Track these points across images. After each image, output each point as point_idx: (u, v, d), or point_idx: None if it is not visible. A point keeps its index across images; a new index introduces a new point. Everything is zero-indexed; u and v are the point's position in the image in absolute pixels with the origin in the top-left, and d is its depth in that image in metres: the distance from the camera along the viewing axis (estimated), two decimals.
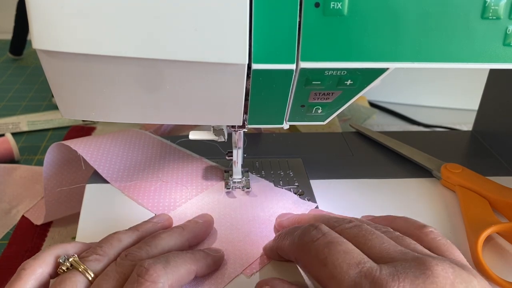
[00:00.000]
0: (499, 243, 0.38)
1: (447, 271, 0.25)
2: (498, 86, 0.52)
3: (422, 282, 0.24)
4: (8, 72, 0.87)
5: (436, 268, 0.25)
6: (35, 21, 0.26)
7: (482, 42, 0.29)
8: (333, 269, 0.26)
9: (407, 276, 0.25)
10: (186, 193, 0.43)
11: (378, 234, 0.29)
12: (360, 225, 0.30)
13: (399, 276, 0.25)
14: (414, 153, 0.50)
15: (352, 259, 0.26)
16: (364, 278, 0.25)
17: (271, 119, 0.34)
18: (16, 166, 0.56)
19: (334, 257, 0.27)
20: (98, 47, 0.27)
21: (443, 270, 0.25)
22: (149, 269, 0.28)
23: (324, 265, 0.27)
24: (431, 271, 0.25)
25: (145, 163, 0.47)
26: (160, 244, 0.32)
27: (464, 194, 0.43)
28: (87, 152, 0.44)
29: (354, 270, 0.26)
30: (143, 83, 0.30)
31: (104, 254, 0.31)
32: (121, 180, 0.44)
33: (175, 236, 0.34)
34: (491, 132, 0.54)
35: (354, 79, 0.31)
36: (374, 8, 0.27)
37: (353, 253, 0.27)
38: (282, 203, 0.42)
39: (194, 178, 0.45)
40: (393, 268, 0.25)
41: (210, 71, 0.29)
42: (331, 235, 0.29)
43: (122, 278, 0.29)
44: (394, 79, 0.74)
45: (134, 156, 0.47)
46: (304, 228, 0.30)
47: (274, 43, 0.28)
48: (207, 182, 0.44)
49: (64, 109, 0.32)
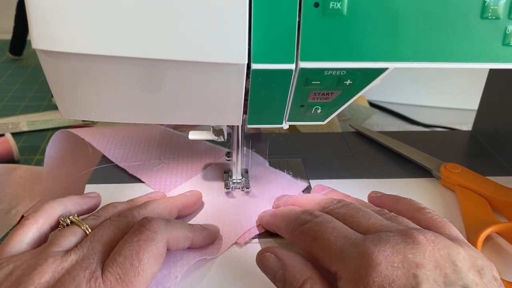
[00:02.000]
0: (499, 242, 0.38)
1: (428, 239, 0.27)
2: (498, 86, 0.52)
3: (402, 247, 0.26)
4: (8, 72, 0.87)
5: (418, 236, 0.27)
6: (34, 21, 0.26)
7: (482, 42, 0.29)
8: (322, 242, 0.29)
9: (388, 242, 0.26)
10: (186, 173, 0.45)
11: (365, 211, 0.31)
12: (348, 204, 0.32)
13: (381, 242, 0.26)
14: (413, 153, 0.50)
15: (339, 233, 0.29)
16: (349, 246, 0.27)
17: (271, 119, 0.34)
18: (16, 166, 0.56)
19: (323, 232, 0.29)
20: (98, 47, 0.27)
21: (424, 238, 0.27)
22: (151, 221, 0.30)
23: (314, 240, 0.29)
24: (412, 238, 0.27)
25: (149, 147, 0.49)
26: (150, 207, 0.35)
27: (463, 194, 0.43)
28: (93, 139, 0.47)
29: (341, 241, 0.28)
30: (142, 83, 0.30)
31: (100, 215, 0.34)
32: (125, 161, 0.46)
33: (165, 203, 0.37)
34: (490, 132, 0.54)
35: (353, 79, 0.31)
36: (374, 8, 0.27)
37: (340, 228, 0.29)
38: (276, 182, 0.44)
39: (194, 159, 0.48)
40: (377, 236, 0.27)
41: (210, 71, 0.29)
42: (322, 216, 0.31)
43: (118, 230, 0.31)
44: (394, 79, 0.74)
45: (138, 141, 0.50)
46: (298, 212, 0.33)
47: (273, 43, 0.28)
48: (207, 161, 0.47)
49: (64, 109, 0.32)
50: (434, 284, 0.25)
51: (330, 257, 0.28)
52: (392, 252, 0.26)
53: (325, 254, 0.28)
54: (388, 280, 0.25)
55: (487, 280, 0.26)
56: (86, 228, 0.31)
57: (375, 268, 0.25)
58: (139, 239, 0.29)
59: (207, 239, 0.36)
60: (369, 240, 0.27)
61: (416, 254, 0.26)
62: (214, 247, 0.36)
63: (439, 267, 0.26)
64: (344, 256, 0.27)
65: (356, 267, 0.26)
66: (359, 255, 0.26)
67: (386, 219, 0.31)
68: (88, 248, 0.29)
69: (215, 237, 0.37)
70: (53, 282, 0.26)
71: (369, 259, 0.26)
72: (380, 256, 0.26)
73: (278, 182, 0.44)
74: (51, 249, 0.29)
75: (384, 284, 0.25)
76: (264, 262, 0.30)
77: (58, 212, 0.33)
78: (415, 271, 0.25)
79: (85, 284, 0.26)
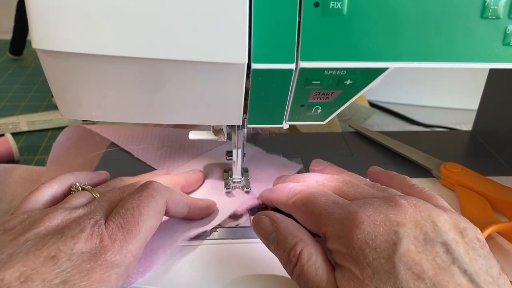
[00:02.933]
0: (499, 242, 0.38)
1: (410, 203, 0.29)
2: (498, 86, 0.52)
3: (385, 209, 0.28)
4: (8, 72, 0.87)
5: (400, 200, 0.29)
6: (34, 21, 0.26)
7: (482, 41, 0.29)
8: (313, 207, 0.32)
9: (372, 205, 0.29)
10: (188, 155, 0.48)
11: (354, 183, 0.34)
12: (339, 178, 0.35)
13: (366, 205, 0.29)
14: (413, 152, 0.50)
15: (329, 199, 0.32)
16: (337, 209, 0.30)
17: (271, 119, 0.34)
18: (16, 166, 0.56)
19: (314, 198, 0.32)
20: (98, 47, 0.27)
21: (406, 202, 0.29)
22: (153, 182, 0.33)
23: (306, 205, 0.32)
24: (395, 202, 0.29)
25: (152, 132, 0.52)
26: (157, 180, 0.37)
27: (463, 193, 0.43)
28: (100, 129, 0.51)
29: (330, 205, 0.31)
30: (142, 83, 0.30)
31: (109, 185, 0.37)
32: (131, 144, 0.49)
33: (169, 179, 0.40)
34: (491, 132, 0.54)
35: (353, 79, 0.31)
36: (374, 8, 0.27)
37: (330, 195, 0.32)
38: (272, 163, 0.47)
39: (196, 142, 0.50)
40: (362, 201, 0.30)
41: (210, 71, 0.29)
42: (314, 187, 0.34)
43: (124, 194, 0.34)
44: (394, 79, 0.74)
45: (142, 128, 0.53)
46: (294, 185, 0.36)
47: (273, 42, 0.28)
48: (208, 146, 0.49)
49: (64, 109, 0.32)
50: (414, 240, 0.27)
51: (320, 220, 0.30)
52: (375, 212, 0.28)
53: (315, 217, 0.31)
54: (370, 236, 0.27)
55: (469, 239, 0.28)
56: (95, 193, 0.34)
57: (359, 226, 0.28)
58: (141, 195, 0.32)
59: (203, 210, 0.38)
60: (354, 204, 0.30)
61: (398, 214, 0.28)
62: (211, 218, 0.39)
63: (420, 226, 0.27)
64: (332, 218, 0.30)
65: (342, 226, 0.29)
66: (344, 216, 0.29)
67: (376, 191, 0.33)
68: (95, 205, 0.32)
69: (212, 210, 0.39)
70: (61, 226, 0.29)
71: (353, 218, 0.28)
72: (364, 216, 0.28)
73: (274, 163, 0.47)
74: (62, 205, 0.32)
75: (367, 240, 0.27)
76: (259, 225, 0.32)
77: (70, 181, 0.36)
78: (396, 228, 0.27)
79: (89, 228, 0.28)
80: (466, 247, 0.27)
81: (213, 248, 0.37)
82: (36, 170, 0.55)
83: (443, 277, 0.25)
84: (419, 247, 0.26)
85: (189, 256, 0.36)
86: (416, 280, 0.25)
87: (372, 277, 0.26)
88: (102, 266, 0.27)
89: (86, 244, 0.27)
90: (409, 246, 0.26)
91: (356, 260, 0.27)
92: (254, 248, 0.37)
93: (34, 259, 0.26)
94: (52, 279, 0.25)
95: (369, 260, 0.26)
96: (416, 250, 0.26)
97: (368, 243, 0.27)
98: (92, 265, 0.27)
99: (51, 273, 0.25)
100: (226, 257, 0.36)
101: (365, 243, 0.27)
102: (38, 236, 0.28)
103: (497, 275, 0.26)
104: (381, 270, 0.26)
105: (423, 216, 0.28)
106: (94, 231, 0.28)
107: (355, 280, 0.26)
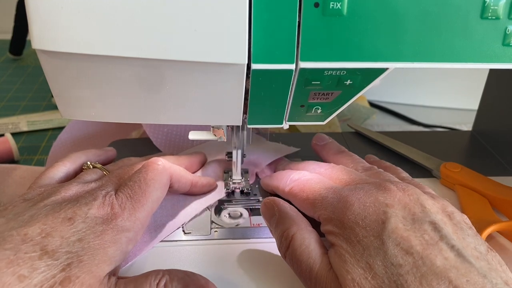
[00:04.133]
0: (500, 241, 0.38)
1: (399, 188, 0.30)
2: (498, 86, 0.52)
3: (374, 192, 0.30)
4: (8, 72, 0.87)
5: (390, 185, 0.31)
6: (34, 21, 0.26)
7: (482, 42, 0.29)
8: (308, 192, 0.34)
9: (362, 189, 0.31)
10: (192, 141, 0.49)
11: (348, 170, 0.36)
12: (334, 166, 0.38)
13: (356, 189, 0.31)
14: (413, 152, 0.50)
15: (323, 185, 0.34)
16: (330, 193, 0.32)
17: (271, 119, 0.34)
18: (16, 166, 0.56)
19: (310, 185, 0.34)
20: (98, 47, 0.27)
21: (395, 187, 0.30)
22: (159, 159, 0.36)
23: (303, 191, 0.35)
24: (384, 187, 0.31)
25: None
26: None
27: (463, 193, 0.43)
28: None
29: (324, 190, 0.33)
30: (142, 83, 0.30)
31: (118, 164, 0.40)
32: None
33: (173, 159, 0.41)
34: (491, 132, 0.54)
35: (353, 79, 0.31)
36: (374, 8, 0.27)
37: (324, 181, 0.34)
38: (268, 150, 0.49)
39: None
40: (353, 186, 0.32)
41: (210, 71, 0.29)
42: (311, 175, 0.36)
43: (133, 171, 0.36)
44: (394, 79, 0.74)
45: None
46: (292, 172, 0.37)
47: (273, 43, 0.28)
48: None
49: (64, 109, 0.32)
50: (402, 219, 0.28)
51: (315, 204, 0.33)
52: (365, 195, 0.30)
53: (310, 202, 0.33)
54: (360, 216, 0.29)
55: (456, 221, 0.29)
56: (105, 171, 0.37)
57: (349, 208, 0.30)
58: (147, 169, 0.34)
59: (205, 186, 0.41)
60: (346, 188, 0.32)
61: (387, 197, 0.29)
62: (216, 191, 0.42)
63: (408, 207, 0.29)
64: (325, 202, 0.32)
65: (334, 209, 0.31)
66: (337, 199, 0.31)
67: (371, 174, 0.35)
68: (106, 180, 0.34)
69: (213, 186, 0.43)
70: (75, 196, 0.32)
71: (345, 201, 0.30)
72: (354, 198, 0.30)
73: (271, 146, 0.49)
74: (76, 180, 0.34)
75: (357, 220, 0.29)
76: (264, 209, 0.35)
77: (82, 160, 0.39)
78: (384, 209, 0.29)
79: (101, 198, 0.31)
80: (454, 227, 0.28)
81: (213, 248, 0.37)
82: (36, 170, 0.55)
83: (431, 251, 0.26)
84: (407, 225, 0.28)
85: (189, 256, 0.36)
86: (404, 255, 0.26)
87: (362, 253, 0.27)
88: (114, 229, 0.30)
89: (98, 210, 0.30)
90: (398, 224, 0.28)
91: (347, 238, 0.28)
92: (254, 248, 0.37)
93: (53, 219, 0.28)
94: (69, 237, 0.28)
95: (359, 237, 0.28)
96: (405, 228, 0.27)
97: (358, 223, 0.29)
98: (105, 227, 0.29)
99: (68, 232, 0.28)
100: (226, 257, 0.36)
101: (355, 222, 0.29)
102: (56, 202, 0.30)
103: (485, 251, 0.27)
104: (371, 247, 0.27)
105: (412, 199, 0.29)
106: (105, 200, 0.31)
107: (347, 256, 0.28)
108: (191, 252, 0.36)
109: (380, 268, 0.26)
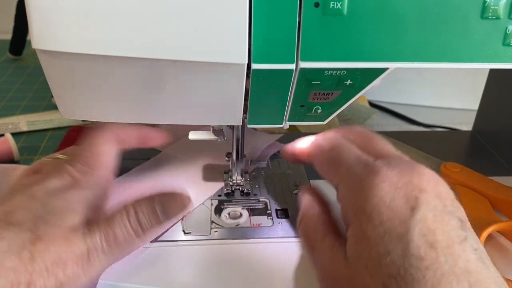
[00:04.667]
0: (500, 241, 0.38)
1: (434, 175, 0.28)
2: (498, 86, 0.52)
3: (409, 175, 0.27)
4: (8, 72, 0.87)
5: (424, 169, 0.28)
6: (34, 21, 0.26)
7: (482, 42, 0.29)
8: (336, 153, 0.31)
9: (396, 167, 0.27)
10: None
11: (379, 138, 0.33)
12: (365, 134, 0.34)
13: (390, 166, 0.27)
14: (413, 152, 0.50)
15: (353, 153, 0.30)
16: (359, 164, 0.29)
17: (271, 119, 0.34)
18: (16, 166, 0.56)
19: (339, 148, 0.31)
20: (98, 47, 0.27)
21: (429, 172, 0.28)
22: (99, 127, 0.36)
23: (331, 150, 0.32)
24: (418, 169, 0.27)
25: None
26: None
27: (464, 193, 0.43)
28: None
29: (352, 158, 0.30)
30: (142, 83, 0.30)
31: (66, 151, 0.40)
32: None
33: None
34: (491, 132, 0.54)
35: (354, 79, 0.31)
36: (374, 8, 0.27)
37: (355, 150, 0.31)
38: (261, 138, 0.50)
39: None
40: (387, 161, 0.28)
41: (210, 71, 0.29)
42: (340, 139, 0.33)
43: None
44: (394, 79, 0.74)
45: None
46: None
47: (273, 43, 0.28)
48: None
49: (64, 109, 0.32)
50: (433, 209, 0.26)
51: (340, 169, 0.30)
52: (399, 173, 0.27)
53: (335, 165, 0.31)
54: (390, 195, 0.26)
55: None
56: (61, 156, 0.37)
57: (379, 184, 0.26)
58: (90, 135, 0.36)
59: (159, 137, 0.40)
60: (379, 161, 0.28)
61: (422, 181, 0.27)
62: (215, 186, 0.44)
63: (440, 197, 0.26)
64: (351, 171, 0.29)
65: (360, 180, 0.27)
66: (366, 171, 0.28)
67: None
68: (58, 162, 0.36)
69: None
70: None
71: (376, 174, 0.27)
72: (387, 174, 0.27)
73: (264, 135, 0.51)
74: None
75: (385, 199, 0.26)
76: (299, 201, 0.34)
77: None
78: (417, 194, 0.26)
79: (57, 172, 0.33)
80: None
81: (213, 248, 0.37)
82: None
83: (455, 250, 0.24)
84: (437, 216, 0.25)
85: (189, 256, 0.36)
86: (428, 248, 0.24)
87: (383, 236, 0.25)
88: (76, 189, 0.32)
89: (57, 181, 0.32)
90: (427, 214, 0.25)
91: (369, 216, 0.26)
92: (254, 248, 0.37)
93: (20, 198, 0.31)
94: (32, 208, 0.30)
95: (382, 218, 0.25)
96: (434, 219, 0.25)
97: (385, 202, 0.26)
98: (66, 191, 0.32)
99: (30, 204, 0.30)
100: (226, 257, 0.36)
101: (382, 201, 0.26)
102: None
103: None
104: (394, 232, 0.25)
105: (443, 190, 0.27)
106: (61, 170, 0.33)
107: (365, 238, 0.25)
108: (191, 252, 0.36)
109: (399, 257, 0.24)
